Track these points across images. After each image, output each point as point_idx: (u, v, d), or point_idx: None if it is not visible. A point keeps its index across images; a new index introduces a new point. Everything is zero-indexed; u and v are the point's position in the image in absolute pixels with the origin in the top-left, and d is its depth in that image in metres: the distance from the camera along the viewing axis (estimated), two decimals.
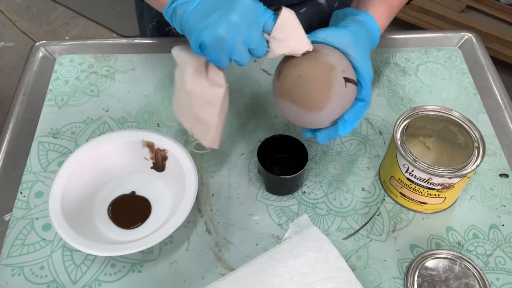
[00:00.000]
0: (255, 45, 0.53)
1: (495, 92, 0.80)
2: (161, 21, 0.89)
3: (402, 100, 0.79)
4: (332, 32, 0.60)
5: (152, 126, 0.75)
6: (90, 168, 0.65)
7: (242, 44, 0.53)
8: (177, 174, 0.64)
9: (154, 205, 0.65)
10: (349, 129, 0.60)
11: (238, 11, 0.51)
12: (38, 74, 0.82)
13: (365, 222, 0.65)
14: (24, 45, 2.20)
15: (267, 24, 0.53)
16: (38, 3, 2.40)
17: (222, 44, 0.52)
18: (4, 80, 2.08)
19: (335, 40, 0.59)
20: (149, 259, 0.61)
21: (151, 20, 0.91)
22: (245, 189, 0.68)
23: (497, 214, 0.65)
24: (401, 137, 0.61)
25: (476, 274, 0.58)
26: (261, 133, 0.74)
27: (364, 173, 0.70)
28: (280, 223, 0.64)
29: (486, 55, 0.86)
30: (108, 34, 2.25)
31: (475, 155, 0.59)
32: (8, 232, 0.63)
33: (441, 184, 0.59)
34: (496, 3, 1.94)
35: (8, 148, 0.72)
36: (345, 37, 0.60)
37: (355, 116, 0.60)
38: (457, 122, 0.62)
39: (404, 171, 0.61)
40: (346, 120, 0.59)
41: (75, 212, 0.61)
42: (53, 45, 0.86)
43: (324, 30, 0.60)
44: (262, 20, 0.53)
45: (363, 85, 0.60)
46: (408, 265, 0.60)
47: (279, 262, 0.59)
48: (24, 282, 0.59)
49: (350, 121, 0.59)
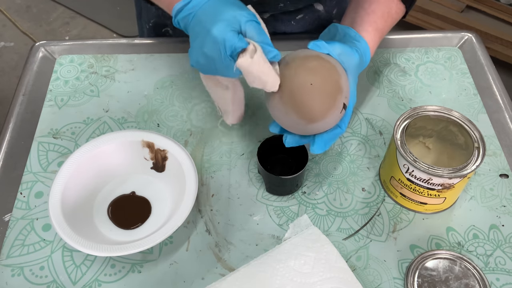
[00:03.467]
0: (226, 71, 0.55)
1: (495, 92, 0.80)
2: (157, 22, 0.90)
3: (402, 100, 0.79)
4: (346, 51, 0.60)
5: (152, 126, 0.75)
6: (90, 169, 0.65)
7: (221, 67, 0.55)
8: (177, 174, 0.64)
9: (154, 206, 0.65)
10: (323, 149, 0.60)
11: (208, 44, 0.54)
12: (38, 74, 0.82)
13: (365, 222, 0.65)
14: (24, 45, 2.20)
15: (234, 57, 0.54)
16: (38, 3, 2.40)
17: (205, 69, 0.58)
18: (4, 80, 2.08)
19: (346, 60, 0.60)
20: (149, 260, 0.61)
21: (148, 21, 0.91)
22: (245, 190, 0.68)
23: (497, 215, 0.65)
24: (401, 137, 0.61)
25: (476, 275, 0.58)
26: (261, 133, 0.74)
27: (364, 173, 0.70)
28: (280, 224, 0.64)
29: (486, 55, 0.86)
30: (108, 34, 2.25)
31: (475, 156, 0.59)
32: (8, 233, 0.63)
33: (441, 184, 0.59)
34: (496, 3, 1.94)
35: (8, 148, 0.72)
36: (353, 62, 0.61)
37: (331, 140, 0.60)
38: (457, 122, 0.62)
39: (404, 172, 0.61)
40: (324, 143, 0.60)
41: (75, 213, 0.61)
42: (53, 45, 0.86)
43: (341, 46, 0.60)
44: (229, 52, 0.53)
45: (347, 113, 0.60)
46: (408, 266, 0.60)
47: (279, 262, 0.59)
48: (24, 283, 0.59)
49: (326, 143, 0.60)
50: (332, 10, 0.89)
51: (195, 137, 0.73)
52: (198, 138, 0.73)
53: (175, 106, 0.77)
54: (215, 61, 0.55)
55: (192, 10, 0.57)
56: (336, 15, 0.91)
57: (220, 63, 0.54)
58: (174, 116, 0.76)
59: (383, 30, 0.68)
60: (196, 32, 0.56)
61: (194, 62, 0.58)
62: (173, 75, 0.82)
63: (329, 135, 0.60)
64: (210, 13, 0.55)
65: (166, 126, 0.75)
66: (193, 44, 0.57)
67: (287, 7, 0.83)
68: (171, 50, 0.85)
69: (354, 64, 0.61)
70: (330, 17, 0.90)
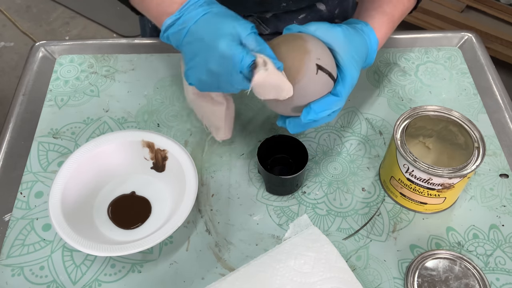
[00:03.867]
0: (237, 86, 0.54)
1: (495, 92, 0.80)
2: None
3: (402, 100, 0.79)
4: (323, 26, 0.59)
5: (152, 126, 0.75)
6: (90, 168, 0.65)
7: (226, 83, 0.54)
8: (177, 174, 0.64)
9: (154, 205, 0.65)
10: (313, 116, 0.57)
11: (215, 60, 0.52)
12: (38, 74, 0.82)
13: (365, 222, 0.65)
14: (24, 45, 2.20)
15: (245, 72, 0.52)
16: (38, 3, 2.40)
17: (206, 86, 0.56)
18: (4, 80, 2.08)
19: (324, 34, 0.59)
20: (149, 259, 0.61)
21: (150, 20, 0.91)
22: (245, 189, 0.68)
23: (497, 214, 0.65)
24: (401, 137, 0.61)
25: (476, 274, 0.58)
26: (261, 133, 0.74)
27: (364, 173, 0.70)
28: (280, 223, 0.64)
29: (486, 55, 0.86)
30: (108, 34, 2.25)
31: (475, 155, 0.59)
32: (8, 232, 0.63)
33: (441, 184, 0.59)
34: (496, 3, 1.94)
35: (8, 148, 0.72)
36: (335, 34, 0.59)
37: (322, 107, 0.57)
38: (457, 122, 0.62)
39: (404, 171, 0.61)
40: (311, 108, 0.57)
41: (75, 212, 0.61)
42: (53, 45, 0.86)
43: (316, 24, 0.60)
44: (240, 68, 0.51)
45: (341, 82, 0.58)
46: (408, 265, 0.60)
47: (279, 262, 0.59)
48: (24, 282, 0.59)
49: (315, 110, 0.57)
50: (334, 9, 0.89)
51: (195, 137, 0.73)
52: (198, 138, 0.73)
53: (175, 106, 0.77)
54: (221, 78, 0.53)
55: (183, 26, 0.54)
56: (339, 15, 0.91)
57: (227, 79, 0.53)
58: (174, 116, 0.76)
59: (392, 13, 0.66)
60: (196, 49, 0.54)
61: (195, 80, 0.55)
62: (173, 75, 0.82)
63: (320, 102, 0.57)
64: (209, 28, 0.53)
65: (166, 126, 0.75)
66: (193, 62, 0.54)
67: (290, 7, 0.83)
68: (171, 50, 0.85)
69: (338, 37, 0.59)
70: (332, 17, 0.90)
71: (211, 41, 0.52)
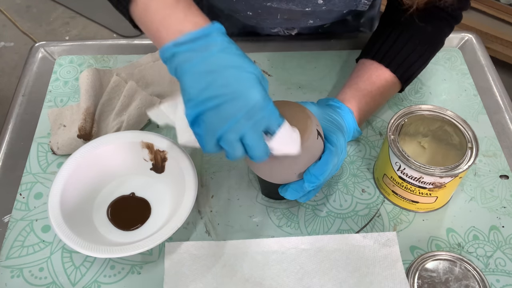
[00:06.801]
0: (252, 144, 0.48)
1: (495, 93, 0.80)
2: None
3: (402, 101, 0.79)
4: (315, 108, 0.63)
5: (152, 127, 0.75)
6: (90, 170, 0.64)
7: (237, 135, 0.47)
8: (176, 176, 0.64)
9: (153, 207, 0.65)
10: (314, 181, 0.55)
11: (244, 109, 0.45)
12: (38, 75, 0.82)
13: (365, 223, 0.65)
14: (24, 45, 2.20)
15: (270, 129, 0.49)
16: (38, 3, 2.40)
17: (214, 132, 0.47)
18: (4, 80, 2.08)
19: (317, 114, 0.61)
20: (148, 261, 0.61)
21: None
22: (245, 191, 0.68)
23: (497, 216, 0.65)
24: (394, 135, 0.61)
25: (476, 276, 0.58)
26: None
27: (364, 174, 0.70)
28: (280, 225, 0.64)
29: (486, 55, 0.86)
30: (108, 34, 2.25)
31: (468, 155, 0.59)
32: (7, 234, 0.63)
33: (433, 183, 0.59)
34: (496, 3, 1.93)
35: (8, 149, 0.72)
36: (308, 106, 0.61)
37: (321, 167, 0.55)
38: (451, 122, 0.62)
39: (396, 169, 0.61)
40: (311, 173, 0.55)
41: (75, 214, 0.60)
42: (53, 46, 0.86)
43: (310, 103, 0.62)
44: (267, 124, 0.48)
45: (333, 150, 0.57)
46: (408, 267, 0.60)
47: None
48: (23, 284, 0.59)
49: (316, 174, 0.55)
50: (360, 18, 0.90)
51: None
52: None
53: None
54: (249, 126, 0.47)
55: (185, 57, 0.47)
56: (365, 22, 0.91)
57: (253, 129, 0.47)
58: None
59: (366, 89, 0.68)
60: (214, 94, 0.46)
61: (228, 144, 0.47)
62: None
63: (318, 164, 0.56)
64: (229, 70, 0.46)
65: (166, 127, 0.75)
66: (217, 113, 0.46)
67: (316, 23, 0.83)
68: None
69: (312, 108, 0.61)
70: (358, 25, 0.91)
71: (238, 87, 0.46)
